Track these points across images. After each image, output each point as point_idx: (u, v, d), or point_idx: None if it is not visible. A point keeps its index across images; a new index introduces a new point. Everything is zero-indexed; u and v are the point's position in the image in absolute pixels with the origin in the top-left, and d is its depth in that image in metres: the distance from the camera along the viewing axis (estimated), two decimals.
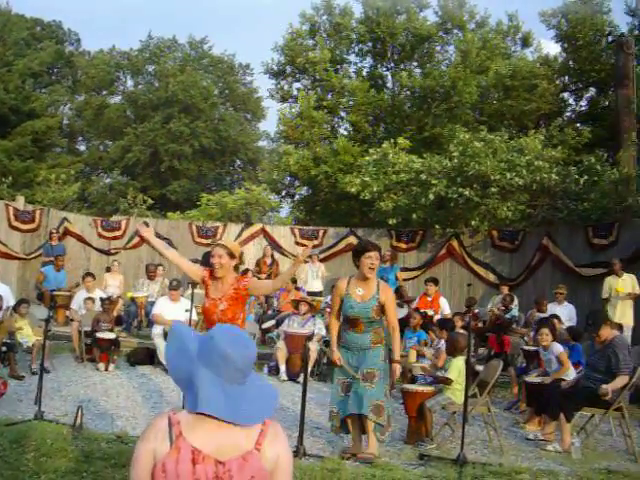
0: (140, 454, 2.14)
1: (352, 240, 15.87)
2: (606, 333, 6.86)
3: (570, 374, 7.53)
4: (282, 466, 2.19)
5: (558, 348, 7.80)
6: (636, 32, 21.88)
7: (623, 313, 11.22)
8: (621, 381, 6.62)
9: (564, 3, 22.39)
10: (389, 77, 23.33)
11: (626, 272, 11.57)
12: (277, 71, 23.48)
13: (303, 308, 10.54)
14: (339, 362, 5.84)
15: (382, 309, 5.82)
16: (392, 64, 23.20)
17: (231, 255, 5.55)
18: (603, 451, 6.81)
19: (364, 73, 23.37)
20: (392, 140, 16.68)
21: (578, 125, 21.53)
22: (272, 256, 15.25)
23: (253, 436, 2.15)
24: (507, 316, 11.33)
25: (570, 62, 22.83)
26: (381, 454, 5.86)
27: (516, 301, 12.66)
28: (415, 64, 23.06)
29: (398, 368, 6.00)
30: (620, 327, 10.07)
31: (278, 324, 11.42)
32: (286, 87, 23.84)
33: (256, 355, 2.22)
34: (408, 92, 21.51)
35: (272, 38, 35.92)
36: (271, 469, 2.17)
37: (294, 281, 13.56)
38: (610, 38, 19.24)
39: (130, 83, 34.08)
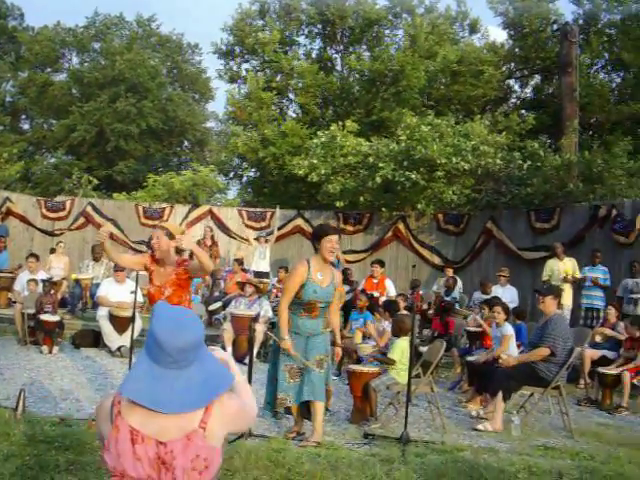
0: (98, 434, 2.17)
1: (300, 222, 15.93)
2: (551, 306, 7.04)
3: (511, 354, 7.72)
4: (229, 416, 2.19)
5: (508, 329, 8.01)
6: (580, 21, 22.33)
7: (563, 296, 11.55)
8: (538, 353, 6.80)
9: None
10: (338, 60, 23.38)
11: (567, 256, 11.91)
12: (226, 51, 23.28)
13: (249, 290, 10.55)
14: (291, 351, 5.63)
15: None
16: (341, 47, 23.24)
17: (170, 236, 5.50)
18: (541, 428, 7.00)
19: (313, 55, 23.36)
20: (340, 123, 16.73)
21: (523, 111, 21.97)
22: (212, 237, 15.18)
23: (198, 414, 2.12)
24: (449, 298, 11.56)
25: (516, 49, 23.19)
26: (326, 433, 5.93)
27: (460, 283, 12.93)
28: (364, 47, 23.14)
29: (340, 351, 6.15)
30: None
31: (225, 306, 11.40)
32: (235, 68, 23.68)
33: (202, 337, 2.20)
34: (357, 75, 21.60)
35: (221, 18, 35.56)
36: (220, 444, 2.17)
37: (240, 262, 13.53)
38: (555, 26, 19.62)
39: (75, 60, 33.26)
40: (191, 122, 32.11)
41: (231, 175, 23.69)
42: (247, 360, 6.92)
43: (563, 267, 11.70)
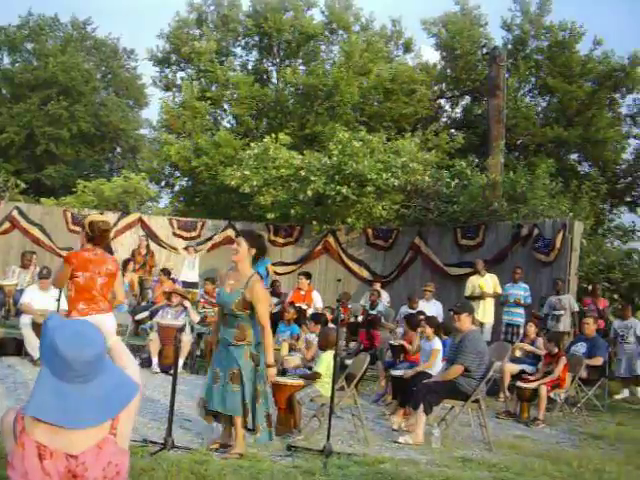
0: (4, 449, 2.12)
1: (230, 233, 15.90)
2: (465, 323, 7.24)
3: (436, 369, 7.91)
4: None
5: (436, 343, 8.22)
6: (509, 46, 23.07)
7: (485, 312, 11.89)
8: (453, 372, 7.02)
9: (445, 13, 23.26)
10: (274, 73, 23.48)
11: (489, 272, 12.26)
12: (161, 59, 23.10)
13: (175, 299, 10.47)
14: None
15: (250, 306, 5.53)
16: (277, 60, 23.34)
17: (83, 226, 5.69)
18: (461, 440, 7.18)
19: (249, 67, 23.41)
20: (274, 135, 16.81)
21: (452, 131, 22.48)
22: (147, 247, 15.01)
23: (108, 422, 2.12)
24: (374, 312, 11.73)
25: (448, 70, 23.75)
26: (249, 445, 5.93)
27: (386, 297, 13.14)
28: (300, 61, 23.30)
29: (272, 372, 5.67)
30: (481, 325, 10.73)
31: (152, 315, 11.28)
32: (170, 76, 23.52)
33: (104, 346, 2.18)
34: (292, 89, 21.71)
35: (158, 25, 35.20)
36: (128, 441, 2.18)
37: (167, 272, 13.42)
38: (485, 50, 20.19)
39: (7, 60, 32.39)
40: (124, 128, 31.68)
41: (163, 184, 23.43)
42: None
43: (484, 283, 12.05)
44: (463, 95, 24.52)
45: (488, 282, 12.16)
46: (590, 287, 12.50)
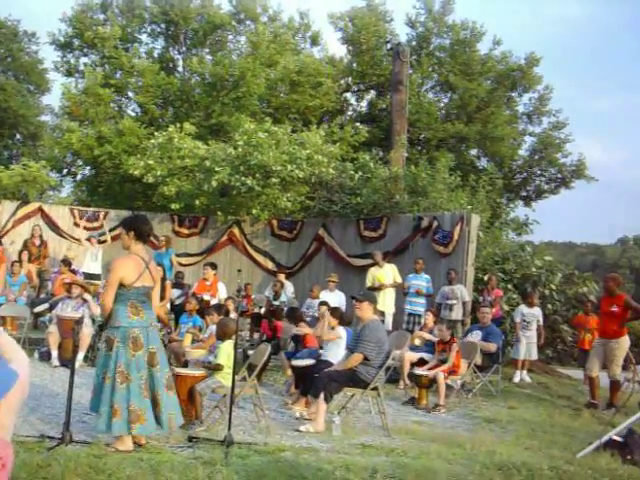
0: None
1: None
2: (367, 312, 7.42)
3: (338, 358, 8.06)
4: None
5: (340, 331, 8.42)
6: (413, 43, 23.61)
7: (384, 302, 12.17)
8: (352, 360, 7.20)
9: (351, 8, 23.57)
10: (180, 61, 23.16)
11: (391, 263, 12.55)
12: (64, 43, 22.33)
13: (75, 291, 10.23)
14: None
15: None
16: (184, 48, 23.03)
17: None
18: (361, 427, 7.35)
19: (155, 55, 22.97)
20: (179, 125, 16.61)
21: (357, 124, 22.80)
22: (41, 236, 14.55)
23: None
24: (277, 302, 11.83)
25: (354, 64, 24.06)
26: (150, 437, 5.90)
27: (290, 288, 13.26)
28: (207, 51, 23.07)
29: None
30: (382, 314, 11.00)
31: (52, 308, 10.99)
32: (73, 61, 22.76)
33: None
34: (198, 78, 21.47)
35: (61, 8, 33.99)
36: (11, 433, 2.14)
37: (68, 263, 13.08)
38: (389, 45, 20.57)
39: None
40: (24, 114, 30.41)
41: (64, 172, 22.71)
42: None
43: (383, 274, 12.33)
44: (368, 89, 24.91)
45: (388, 273, 12.45)
46: (487, 278, 12.99)
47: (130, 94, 22.28)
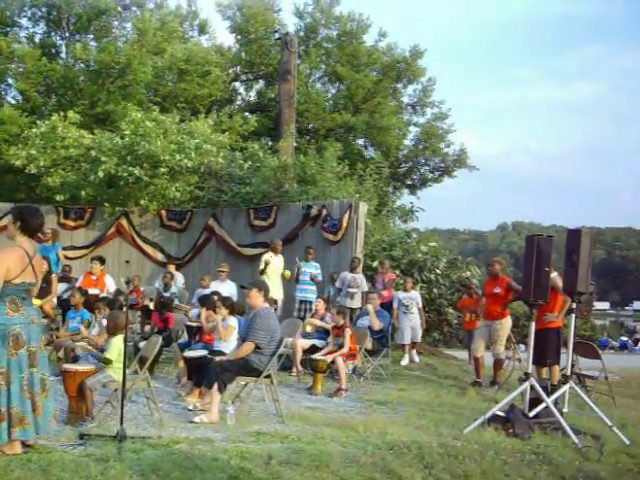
0: None
1: None
2: (256, 299, 7.46)
3: (232, 346, 8.09)
4: None
5: (232, 321, 8.49)
6: (301, 33, 23.77)
7: (274, 288, 12.22)
8: (244, 349, 7.25)
9: None
10: (63, 47, 22.29)
11: (281, 252, 12.60)
12: None
13: None
14: None
15: None
16: (67, 34, 22.19)
17: None
18: (255, 416, 7.41)
19: (36, 40, 22.00)
20: (62, 113, 16.02)
21: (246, 114, 22.77)
22: None
23: None
24: (167, 294, 11.69)
25: (242, 54, 23.98)
26: (39, 437, 5.72)
27: (180, 279, 13.12)
28: (91, 37, 22.31)
29: None
30: (276, 302, 11.07)
31: None
32: None
33: None
34: (82, 65, 20.74)
35: None
36: None
37: None
38: (277, 35, 20.62)
39: None
40: None
41: None
42: None
43: (279, 262, 12.36)
44: (257, 79, 24.92)
45: (281, 261, 12.50)
46: (380, 262, 13.31)
47: (10, 81, 21.29)
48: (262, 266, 12.19)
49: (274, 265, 12.23)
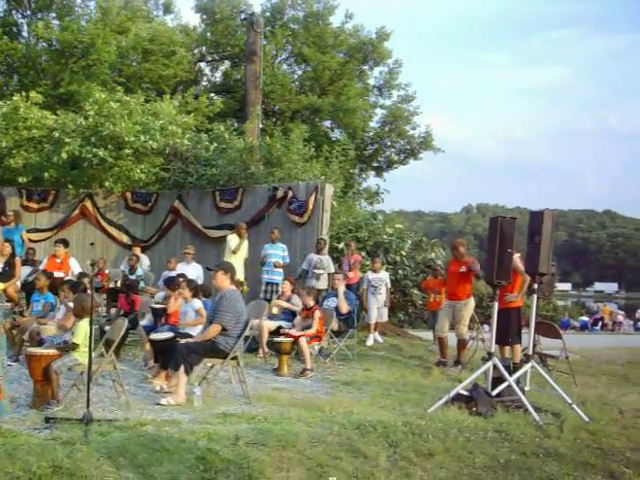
0: None
1: None
2: (222, 281, 7.50)
3: (197, 330, 8.11)
4: None
5: (197, 303, 8.57)
6: (267, 14, 23.61)
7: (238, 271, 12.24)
8: (211, 331, 7.30)
9: None
10: (25, 26, 21.81)
11: (247, 233, 12.59)
12: None
13: None
14: None
15: None
16: (28, 12, 21.70)
17: None
18: (222, 397, 7.45)
19: None
20: (24, 93, 15.73)
21: (212, 95, 22.60)
22: None
23: None
24: (133, 277, 11.64)
25: (208, 34, 23.75)
26: (4, 421, 5.71)
27: (146, 261, 13.06)
28: (53, 15, 21.85)
29: None
30: (242, 284, 11.10)
31: None
32: None
33: None
34: (45, 44, 20.35)
35: None
36: None
37: None
38: (243, 15, 20.45)
39: None
40: None
41: None
42: None
43: (243, 245, 12.35)
44: (223, 60, 24.72)
45: (245, 244, 12.50)
46: (346, 244, 13.39)
47: None
48: (233, 246, 12.18)
49: (235, 244, 12.23)
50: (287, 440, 5.47)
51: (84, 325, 6.71)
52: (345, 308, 10.67)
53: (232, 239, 12.35)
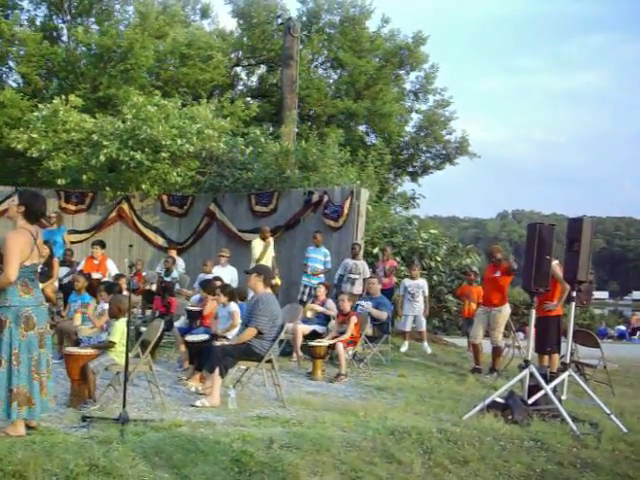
0: None
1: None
2: (257, 284, 7.52)
3: (233, 333, 8.14)
4: None
5: (234, 306, 8.52)
6: (304, 18, 23.67)
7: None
8: (247, 334, 7.32)
9: None
10: (65, 31, 22.17)
11: (283, 237, 12.62)
12: None
13: None
14: None
15: None
16: (69, 17, 22.06)
17: None
18: (256, 400, 7.48)
19: (37, 23, 21.89)
20: (64, 97, 15.98)
21: (248, 99, 22.70)
22: None
23: None
24: (169, 279, 11.72)
25: (244, 38, 23.87)
26: (42, 419, 5.77)
27: (181, 263, 13.15)
28: (93, 20, 22.20)
29: None
30: (277, 287, 11.10)
31: None
32: None
33: None
34: (84, 49, 20.65)
35: None
36: None
37: None
38: (280, 20, 20.53)
39: None
40: None
41: None
42: None
43: (267, 248, 12.37)
44: (259, 64, 24.82)
45: (271, 247, 12.52)
46: (381, 249, 13.34)
47: (11, 64, 21.21)
48: (257, 254, 12.20)
49: (259, 251, 12.26)
50: (321, 444, 5.45)
51: (120, 325, 6.77)
52: (380, 316, 10.58)
53: (256, 245, 12.38)
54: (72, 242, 14.21)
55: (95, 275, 11.24)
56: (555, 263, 8.52)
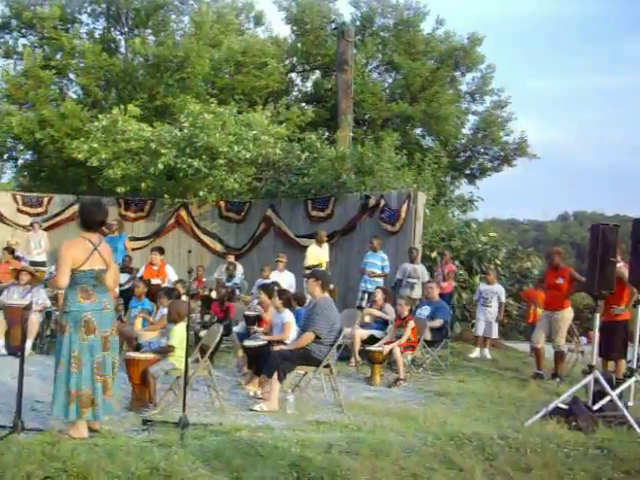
0: None
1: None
2: (315, 289, 7.50)
3: (291, 338, 8.13)
4: None
5: (287, 316, 8.43)
6: (357, 23, 23.64)
7: None
8: (305, 339, 7.31)
9: None
10: (122, 42, 22.63)
11: (340, 243, 12.61)
12: (1, 24, 21.63)
13: (25, 278, 10.05)
14: None
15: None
16: (126, 29, 22.54)
17: None
18: (315, 405, 7.46)
19: (96, 35, 22.42)
20: (122, 107, 16.31)
21: (303, 104, 22.78)
22: None
23: None
24: (230, 284, 11.81)
25: (298, 44, 23.96)
26: (104, 422, 5.87)
27: (241, 269, 13.24)
28: (149, 31, 22.62)
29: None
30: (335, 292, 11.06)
31: None
32: (11, 42, 22.07)
33: None
34: (141, 59, 21.06)
35: None
36: None
37: (11, 251, 12.77)
38: (333, 25, 20.54)
39: None
40: None
41: (5, 157, 22.07)
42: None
43: (322, 253, 12.35)
44: (313, 69, 24.87)
45: (326, 252, 12.50)
46: (440, 253, 13.20)
47: (71, 76, 21.73)
48: (307, 263, 12.17)
49: (317, 256, 12.24)
50: (380, 449, 5.39)
51: (179, 329, 6.84)
52: (437, 323, 10.45)
53: (310, 254, 12.36)
54: (133, 249, 14.48)
55: (154, 281, 11.41)
56: (621, 265, 8.27)
